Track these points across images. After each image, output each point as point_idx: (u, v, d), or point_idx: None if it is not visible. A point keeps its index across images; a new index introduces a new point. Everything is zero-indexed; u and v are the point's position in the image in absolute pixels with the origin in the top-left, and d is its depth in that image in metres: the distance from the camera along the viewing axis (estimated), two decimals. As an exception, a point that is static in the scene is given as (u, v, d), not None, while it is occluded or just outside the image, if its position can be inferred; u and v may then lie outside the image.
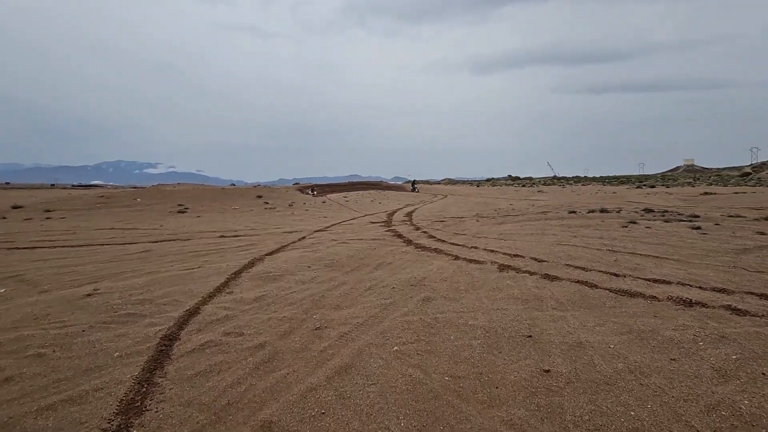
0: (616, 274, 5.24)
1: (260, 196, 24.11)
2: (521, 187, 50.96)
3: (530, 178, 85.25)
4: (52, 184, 57.69)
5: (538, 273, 5.46)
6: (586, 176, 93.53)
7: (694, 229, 8.59)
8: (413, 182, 44.48)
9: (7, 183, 60.37)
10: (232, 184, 49.03)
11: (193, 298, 4.77)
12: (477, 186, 59.68)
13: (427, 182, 68.73)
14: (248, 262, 6.69)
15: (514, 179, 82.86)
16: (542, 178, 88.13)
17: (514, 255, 6.71)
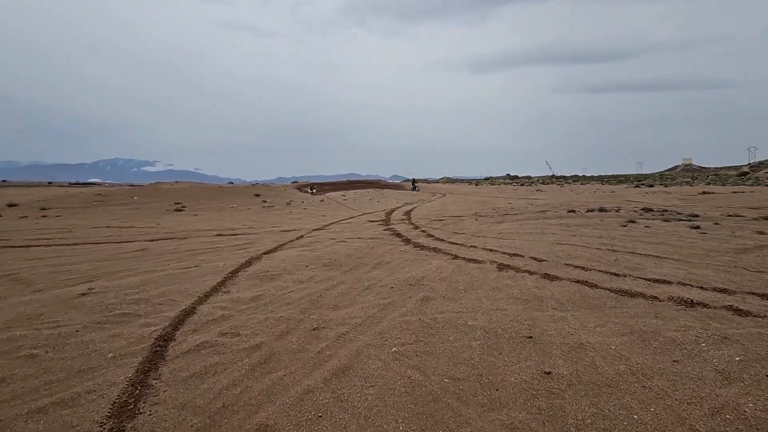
0: (616, 274, 5.20)
1: (258, 195, 24.03)
2: (520, 186, 50.95)
3: (529, 177, 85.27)
4: (50, 182, 57.44)
5: (537, 272, 5.42)
6: (584, 175, 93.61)
7: (693, 229, 8.57)
8: (413, 181, 44.12)
9: (3, 181, 60.10)
10: (230, 183, 48.89)
11: (189, 297, 4.72)
12: (476, 185, 59.65)
13: (425, 181, 68.68)
14: (245, 261, 6.63)
15: (513, 178, 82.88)
16: (541, 177, 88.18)
17: (514, 254, 6.67)
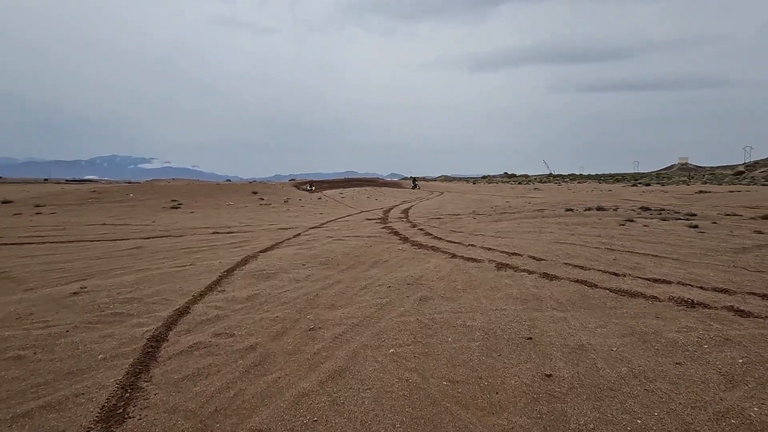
0: (615, 274, 5.15)
1: (255, 192, 23.90)
2: (517, 184, 50.96)
3: (526, 176, 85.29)
4: (46, 179, 56.98)
5: (536, 272, 5.37)
6: (581, 174, 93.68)
7: (691, 228, 8.55)
8: (413, 179, 43.77)
9: (0, 177, 59.58)
10: (228, 180, 48.64)
11: (183, 296, 4.64)
12: (473, 183, 59.61)
13: (423, 179, 68.61)
14: (241, 260, 6.55)
15: (510, 177, 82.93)
16: (538, 175, 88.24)
17: (512, 253, 6.62)
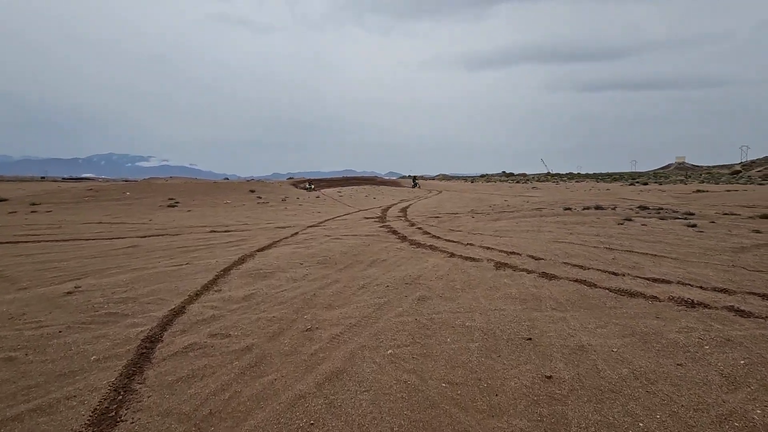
0: (614, 273, 5.13)
1: (253, 191, 23.80)
2: (515, 183, 50.99)
3: (524, 175, 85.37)
4: (42, 177, 56.62)
5: (535, 271, 5.33)
6: (579, 173, 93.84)
7: (690, 227, 8.54)
8: (414, 178, 43.56)
9: (-6, 175, 59.17)
10: (226, 179, 48.45)
11: (179, 296, 4.58)
12: (472, 182, 59.62)
13: (422, 178, 68.57)
14: (238, 259, 6.49)
15: (508, 175, 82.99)
16: (536, 174, 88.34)
17: (511, 252, 6.59)
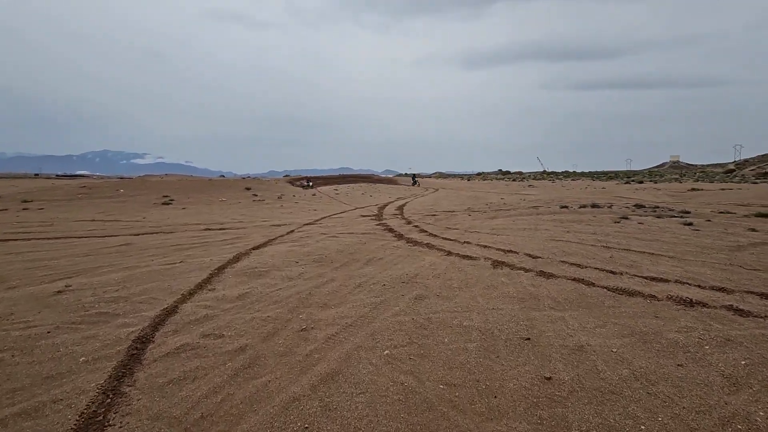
0: (612, 272, 5.10)
1: (249, 188, 23.64)
2: (511, 181, 51.06)
3: (520, 173, 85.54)
4: (36, 174, 56.00)
5: (533, 270, 5.30)
6: (575, 171, 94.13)
7: (686, 226, 8.55)
8: (414, 176, 43.47)
9: (-14, 172, 58.46)
10: (222, 176, 48.18)
11: (171, 295, 4.50)
12: (468, 180, 59.64)
13: (419, 176, 68.52)
14: (233, 257, 6.41)
15: (505, 174, 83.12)
16: (532, 172, 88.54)
17: (508, 251, 6.55)
